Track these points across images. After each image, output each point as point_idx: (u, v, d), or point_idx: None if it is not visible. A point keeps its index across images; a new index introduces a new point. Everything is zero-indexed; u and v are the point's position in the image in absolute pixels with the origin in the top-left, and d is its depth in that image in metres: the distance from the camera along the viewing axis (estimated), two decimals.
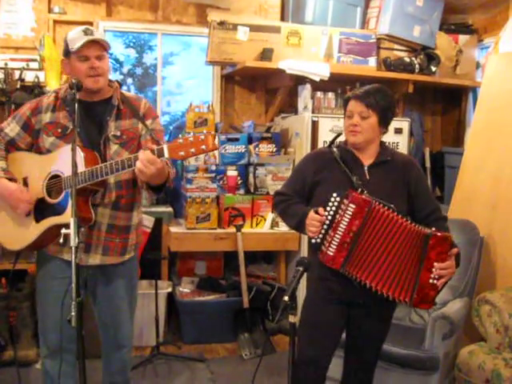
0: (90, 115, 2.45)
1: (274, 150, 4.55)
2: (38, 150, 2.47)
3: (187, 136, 2.09)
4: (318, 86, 4.58)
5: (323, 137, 4.32)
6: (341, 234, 2.36)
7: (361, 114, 2.46)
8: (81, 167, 2.25)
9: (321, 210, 2.39)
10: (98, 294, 2.57)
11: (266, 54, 4.52)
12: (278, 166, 4.48)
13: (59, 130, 2.43)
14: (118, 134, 2.45)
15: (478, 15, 5.17)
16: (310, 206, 2.48)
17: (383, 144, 2.59)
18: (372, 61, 4.81)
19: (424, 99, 5.53)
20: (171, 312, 4.39)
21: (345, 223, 2.35)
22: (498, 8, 4.87)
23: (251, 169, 4.51)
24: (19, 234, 2.47)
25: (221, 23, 4.47)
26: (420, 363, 3.06)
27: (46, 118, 2.45)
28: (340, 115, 4.24)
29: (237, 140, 4.54)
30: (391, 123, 2.57)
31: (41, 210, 2.42)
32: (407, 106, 5.34)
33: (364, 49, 4.78)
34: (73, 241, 1.96)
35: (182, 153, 2.09)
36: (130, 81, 6.81)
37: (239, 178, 4.48)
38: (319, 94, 4.62)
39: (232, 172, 4.45)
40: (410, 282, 2.38)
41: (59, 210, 2.35)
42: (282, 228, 4.38)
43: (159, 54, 5.11)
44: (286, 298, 2.04)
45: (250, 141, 4.57)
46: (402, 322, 3.54)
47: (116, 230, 2.49)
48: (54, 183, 2.39)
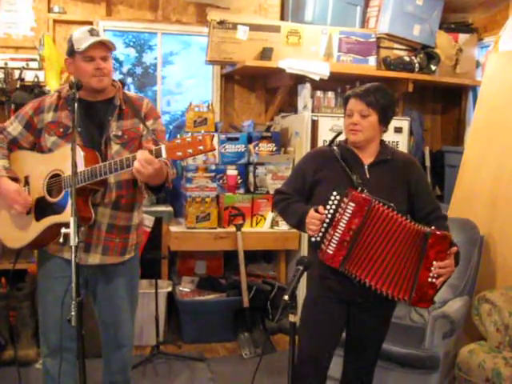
0: (92, 115, 2.45)
1: (274, 149, 4.55)
2: (40, 149, 2.48)
3: (185, 136, 2.10)
4: (318, 85, 4.58)
5: (323, 136, 4.31)
6: (340, 232, 2.35)
7: (361, 113, 2.46)
8: (80, 166, 2.26)
9: (321, 209, 2.39)
10: (99, 293, 2.58)
11: (266, 54, 4.52)
12: (278, 165, 4.48)
13: (61, 130, 2.43)
14: (120, 133, 2.45)
15: (477, 14, 5.18)
16: (310, 205, 2.48)
17: (383, 143, 2.59)
18: (372, 60, 4.81)
19: (424, 98, 5.53)
20: (171, 311, 4.39)
21: (344, 222, 2.35)
22: (498, 7, 4.87)
23: (251, 168, 4.51)
24: (20, 233, 2.47)
25: (220, 22, 4.47)
26: (420, 362, 3.06)
27: (48, 117, 2.46)
28: (340, 114, 4.24)
29: (236, 139, 4.53)
30: (391, 122, 2.57)
31: (41, 208, 2.42)
32: (407, 105, 5.35)
33: (364, 48, 4.78)
34: (73, 240, 1.97)
35: (179, 153, 2.09)
36: (129, 80, 6.81)
37: (239, 177, 4.47)
38: (319, 93, 4.62)
39: (232, 171, 4.45)
40: (409, 280, 2.38)
41: (59, 208, 2.36)
42: (281, 227, 4.38)
43: (159, 54, 5.11)
44: (286, 297, 2.04)
45: (249, 140, 4.56)
46: (402, 320, 3.54)
47: (116, 230, 2.49)
48: (54, 182, 2.39)
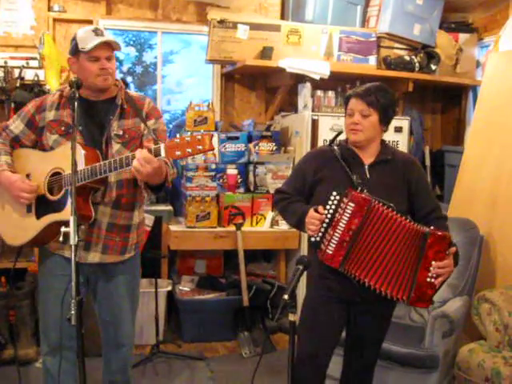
0: (94, 114, 2.46)
1: (274, 148, 4.55)
2: (42, 148, 2.49)
3: (184, 136, 2.09)
4: (318, 84, 4.58)
5: (323, 135, 4.31)
6: (340, 232, 2.35)
7: (362, 113, 2.46)
8: (81, 165, 2.26)
9: (320, 209, 2.39)
10: (99, 291, 2.58)
11: (266, 53, 4.52)
12: (278, 164, 4.48)
13: (62, 128, 2.44)
14: (121, 133, 2.45)
15: (478, 14, 5.17)
16: (310, 205, 2.48)
17: (384, 142, 2.59)
18: (372, 59, 4.81)
19: (424, 98, 5.52)
20: (171, 310, 4.39)
21: (344, 222, 2.35)
22: (498, 7, 4.87)
23: (251, 167, 4.51)
24: (20, 230, 2.48)
25: (221, 21, 4.47)
26: (420, 361, 3.06)
27: (50, 115, 2.47)
28: (340, 114, 4.24)
29: (237, 138, 4.53)
30: (391, 122, 2.57)
31: (42, 206, 2.43)
32: (407, 104, 5.34)
33: (364, 47, 4.78)
34: (72, 239, 1.97)
35: (178, 152, 2.08)
36: (129, 79, 6.82)
37: (239, 176, 4.47)
38: (319, 92, 4.62)
39: (232, 170, 4.45)
40: (408, 280, 2.38)
41: (59, 206, 2.36)
42: (281, 226, 4.38)
43: (159, 53, 5.11)
44: (285, 297, 2.04)
45: (249, 139, 4.56)
46: (402, 320, 3.54)
47: (116, 229, 2.49)
48: (55, 180, 2.40)
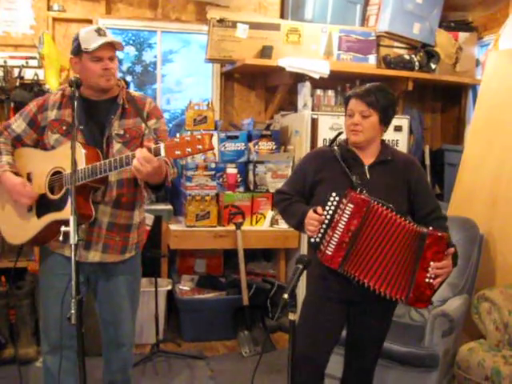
0: (95, 114, 2.46)
1: (274, 147, 4.54)
2: (44, 147, 2.49)
3: (184, 135, 2.10)
4: (318, 83, 4.57)
5: (323, 134, 4.31)
6: (339, 233, 2.35)
7: (362, 113, 2.45)
8: (82, 164, 2.26)
9: (319, 209, 2.39)
10: (99, 291, 2.58)
11: (266, 52, 4.52)
12: (278, 163, 4.48)
13: (64, 128, 2.44)
14: (122, 132, 2.45)
15: (477, 12, 5.17)
16: (310, 205, 2.48)
17: (384, 143, 2.59)
18: (372, 58, 4.81)
19: (424, 97, 5.52)
20: (171, 310, 4.39)
21: (343, 223, 2.35)
22: (498, 5, 4.87)
23: (251, 166, 4.51)
24: (21, 229, 2.48)
25: (220, 21, 4.47)
26: (420, 360, 3.06)
27: (52, 115, 2.47)
28: (340, 113, 4.24)
29: (236, 138, 4.53)
30: (392, 121, 2.57)
31: (43, 205, 2.43)
32: (407, 103, 5.34)
33: (364, 46, 4.78)
34: (72, 238, 1.97)
35: (178, 152, 2.08)
36: (129, 78, 6.82)
37: (239, 175, 4.47)
38: (319, 91, 4.62)
39: (231, 170, 4.45)
40: (407, 280, 2.38)
41: (60, 206, 2.36)
42: (281, 226, 4.38)
43: (159, 52, 5.11)
44: (285, 296, 2.03)
45: (249, 138, 4.56)
46: (402, 319, 3.54)
47: (116, 229, 2.49)
48: (56, 179, 2.40)
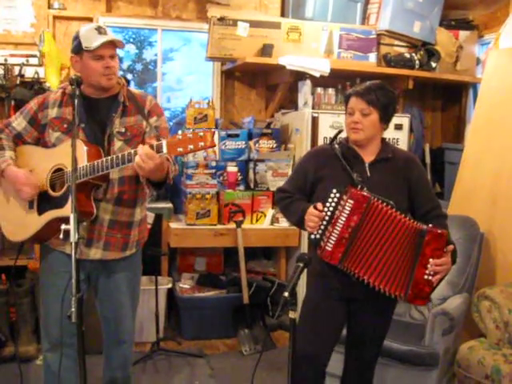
0: (96, 112, 2.46)
1: (274, 145, 4.54)
2: (45, 145, 2.49)
3: (186, 132, 2.10)
4: (319, 81, 4.57)
5: (323, 133, 4.31)
6: (339, 229, 2.36)
7: (362, 111, 2.46)
8: (83, 161, 2.27)
9: (319, 206, 2.40)
10: (100, 288, 2.58)
11: (266, 50, 4.52)
12: (278, 162, 4.48)
13: (65, 126, 2.44)
14: (123, 130, 2.45)
15: (478, 11, 5.16)
16: (311, 203, 2.48)
17: (384, 141, 2.59)
18: (372, 57, 4.81)
19: (424, 95, 5.52)
20: (171, 308, 4.40)
21: (343, 219, 2.35)
22: (499, 4, 4.86)
23: (251, 165, 4.51)
24: (22, 226, 2.48)
25: (221, 19, 4.46)
26: (420, 359, 3.06)
27: (53, 113, 2.47)
28: (340, 111, 4.24)
29: (237, 136, 4.53)
30: (392, 119, 2.57)
31: (44, 202, 2.43)
32: (407, 102, 5.34)
33: (364, 44, 4.77)
34: (73, 236, 1.97)
35: (180, 149, 2.09)
36: (129, 77, 6.81)
37: (239, 173, 4.47)
38: (319, 89, 4.62)
39: (232, 168, 4.45)
40: (406, 277, 2.39)
41: (61, 203, 2.36)
42: (282, 224, 4.38)
43: (159, 50, 5.10)
44: (286, 294, 2.04)
45: (250, 137, 4.56)
46: (402, 317, 3.54)
47: (118, 226, 2.49)
48: (57, 177, 2.40)
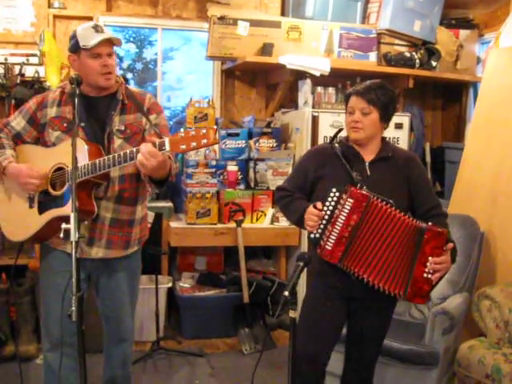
0: (95, 110, 2.46)
1: (275, 145, 4.54)
2: (44, 144, 2.49)
3: (189, 130, 2.10)
4: (319, 80, 4.57)
5: (323, 132, 4.31)
6: (339, 228, 2.36)
7: (362, 111, 2.46)
8: (85, 160, 2.27)
9: (319, 205, 2.40)
10: (101, 287, 2.59)
11: (267, 49, 4.51)
12: (279, 161, 4.48)
13: (65, 125, 2.44)
14: (122, 128, 2.46)
15: (478, 10, 5.16)
16: (311, 202, 2.48)
17: (384, 140, 2.59)
18: (372, 56, 4.80)
19: (424, 94, 5.51)
20: (171, 307, 4.39)
21: (343, 218, 2.35)
22: (499, 3, 4.86)
23: (251, 164, 4.50)
24: (22, 226, 2.48)
25: (221, 18, 4.46)
26: (420, 358, 3.06)
27: (52, 112, 2.47)
28: (340, 110, 4.24)
29: (237, 135, 4.53)
30: (392, 118, 2.57)
31: (44, 201, 2.43)
32: (407, 101, 5.33)
33: (364, 44, 4.77)
34: (73, 235, 1.97)
35: (183, 146, 2.09)
36: (130, 76, 6.81)
37: (239, 173, 4.47)
38: (319, 88, 4.61)
39: (232, 167, 4.45)
40: (405, 275, 2.39)
41: (62, 202, 2.36)
42: (282, 223, 4.38)
43: (159, 49, 5.10)
44: (286, 293, 2.04)
45: (250, 136, 4.55)
46: (402, 317, 3.54)
47: (119, 224, 2.50)
48: (58, 176, 2.40)
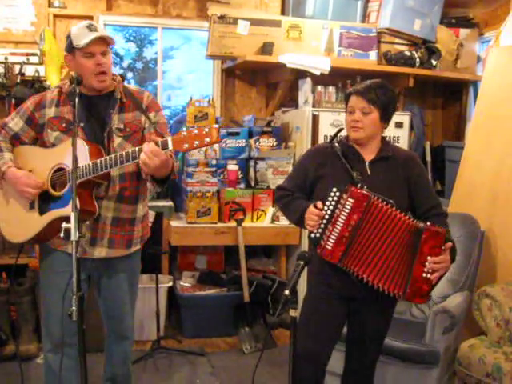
0: (94, 109, 2.46)
1: (275, 144, 4.54)
2: (43, 144, 2.49)
3: (191, 129, 2.10)
4: (319, 79, 4.57)
5: (324, 131, 4.31)
6: (339, 228, 2.36)
7: (362, 110, 2.46)
8: (86, 160, 2.27)
9: (319, 204, 2.40)
10: (102, 287, 2.60)
11: (267, 48, 4.52)
12: (279, 160, 4.48)
13: (64, 125, 2.43)
14: (122, 126, 2.46)
15: (478, 9, 5.16)
16: (311, 201, 2.48)
17: (384, 139, 2.59)
18: (373, 55, 4.81)
19: (424, 93, 5.52)
20: (172, 306, 4.40)
21: (343, 217, 2.35)
22: (499, 2, 4.85)
23: (252, 163, 4.50)
24: (23, 227, 2.47)
25: (221, 17, 4.46)
26: (420, 357, 3.06)
27: (51, 112, 2.46)
28: (340, 109, 4.24)
29: (237, 134, 4.53)
30: (392, 118, 2.57)
31: (45, 202, 2.43)
32: (408, 99, 5.33)
33: (365, 43, 4.77)
34: (73, 235, 1.96)
35: (186, 145, 2.09)
36: (130, 75, 6.80)
37: (240, 172, 4.47)
38: (320, 87, 4.62)
39: (232, 166, 4.45)
40: (404, 275, 2.39)
41: (63, 202, 2.36)
42: (282, 222, 4.38)
43: (159, 48, 5.10)
44: (286, 292, 2.04)
45: (250, 135, 4.56)
46: (403, 316, 3.54)
47: (121, 223, 2.50)
48: (58, 176, 2.39)
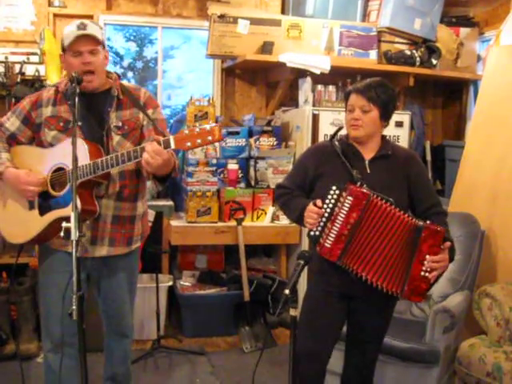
0: (91, 108, 2.45)
1: (275, 143, 4.54)
2: (40, 144, 2.47)
3: (193, 127, 2.10)
4: (319, 79, 4.57)
5: (324, 130, 4.31)
6: (338, 226, 2.36)
7: (362, 108, 2.46)
8: (86, 159, 2.26)
9: (318, 202, 2.40)
10: (102, 286, 2.60)
11: (267, 47, 4.51)
12: (279, 159, 4.48)
13: (61, 124, 2.42)
14: (120, 124, 2.45)
15: (479, 8, 5.16)
16: (311, 200, 2.48)
17: (384, 138, 2.59)
18: (373, 54, 4.80)
19: (425, 92, 5.52)
20: (172, 305, 4.40)
21: (343, 215, 2.35)
22: (499, 1, 4.85)
23: (252, 162, 4.50)
24: (23, 228, 2.46)
25: (221, 16, 4.46)
26: (420, 356, 3.06)
27: (47, 111, 2.45)
28: (341, 108, 4.24)
29: (237, 133, 4.53)
30: (392, 117, 2.57)
31: (45, 203, 2.42)
32: (408, 99, 5.34)
33: (365, 42, 4.77)
34: (73, 235, 1.96)
35: (188, 143, 2.10)
36: (130, 74, 6.80)
37: (240, 171, 4.47)
38: (320, 87, 4.61)
39: (233, 165, 4.45)
40: (403, 274, 2.39)
41: (63, 202, 2.35)
42: (282, 221, 4.38)
43: (159, 48, 5.10)
44: (286, 292, 2.04)
45: (250, 134, 4.55)
46: (403, 315, 3.54)
47: (121, 221, 2.50)
48: (58, 176, 2.39)
